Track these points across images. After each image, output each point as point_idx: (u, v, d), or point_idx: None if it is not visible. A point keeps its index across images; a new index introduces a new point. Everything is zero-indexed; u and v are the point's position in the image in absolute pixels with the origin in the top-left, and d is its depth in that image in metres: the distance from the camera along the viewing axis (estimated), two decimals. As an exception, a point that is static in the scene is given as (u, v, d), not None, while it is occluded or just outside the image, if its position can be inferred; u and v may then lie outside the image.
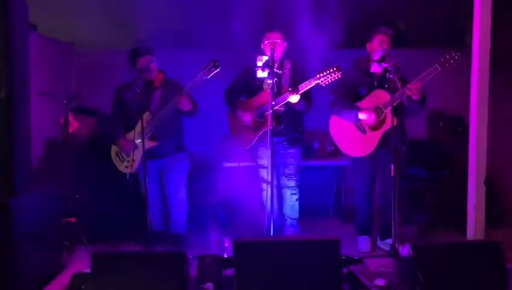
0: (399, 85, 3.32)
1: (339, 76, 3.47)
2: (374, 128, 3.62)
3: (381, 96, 3.58)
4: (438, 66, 3.39)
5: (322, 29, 4.54)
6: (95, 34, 4.98)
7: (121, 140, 3.74)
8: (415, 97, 3.44)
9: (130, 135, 3.71)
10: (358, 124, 3.66)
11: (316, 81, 3.49)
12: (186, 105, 3.62)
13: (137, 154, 3.68)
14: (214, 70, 3.52)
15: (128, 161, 3.74)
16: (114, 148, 3.82)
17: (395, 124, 3.35)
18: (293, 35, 3.86)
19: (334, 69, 3.46)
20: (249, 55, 3.76)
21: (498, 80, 3.63)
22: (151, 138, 3.69)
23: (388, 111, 3.50)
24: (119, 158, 3.79)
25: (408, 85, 3.41)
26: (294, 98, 3.53)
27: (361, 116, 3.59)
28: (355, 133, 3.70)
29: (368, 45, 3.71)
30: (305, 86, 3.53)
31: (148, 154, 3.61)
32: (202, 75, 3.54)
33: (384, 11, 5.16)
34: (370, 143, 3.64)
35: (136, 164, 3.70)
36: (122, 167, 3.78)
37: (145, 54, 3.67)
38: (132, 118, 3.65)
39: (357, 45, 3.90)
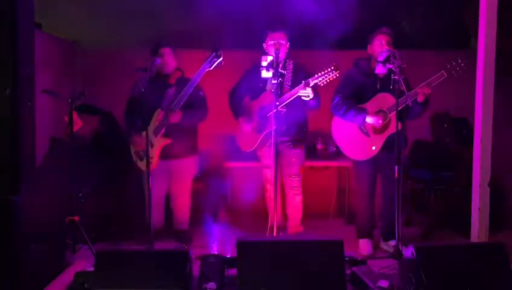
0: (404, 87, 3.31)
1: (337, 75, 3.46)
2: (378, 131, 3.61)
3: (385, 99, 3.57)
4: (444, 73, 3.41)
5: (324, 29, 4.55)
6: (100, 33, 5.00)
7: (134, 137, 3.74)
8: (419, 99, 3.44)
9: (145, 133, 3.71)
10: (363, 127, 3.65)
11: (314, 81, 3.48)
12: (173, 119, 3.64)
13: (154, 152, 3.68)
14: (216, 60, 3.53)
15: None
16: (133, 147, 3.83)
17: (399, 128, 3.33)
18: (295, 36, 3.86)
19: (332, 68, 3.45)
20: (252, 55, 3.78)
21: (504, 81, 3.62)
22: (165, 135, 3.69)
23: (393, 115, 3.49)
24: (137, 156, 3.79)
25: (421, 90, 3.41)
26: (308, 94, 3.51)
27: (369, 120, 3.58)
28: (358, 136, 3.68)
29: (368, 46, 3.70)
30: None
31: (160, 153, 3.65)
32: (205, 67, 3.55)
33: (387, 12, 5.15)
34: (373, 146, 3.63)
35: (154, 161, 3.69)
36: (143, 165, 3.76)
37: (166, 45, 3.77)
38: (145, 115, 3.65)
39: (360, 46, 3.88)
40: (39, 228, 2.92)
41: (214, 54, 3.53)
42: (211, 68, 3.56)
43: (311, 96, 3.55)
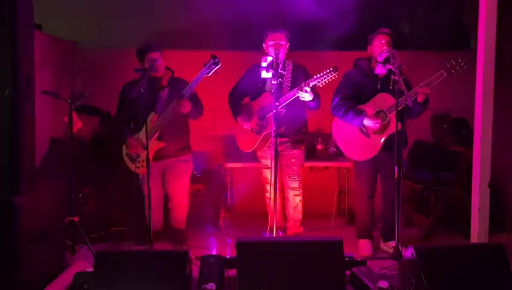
0: (403, 87, 3.30)
1: (336, 76, 3.45)
2: (378, 132, 3.60)
3: (385, 99, 3.57)
4: (444, 72, 3.39)
5: (324, 31, 4.55)
6: (99, 33, 5.01)
7: (128, 139, 3.73)
8: (419, 99, 3.44)
9: (140, 134, 3.69)
10: (362, 128, 3.65)
11: (313, 83, 3.48)
12: (185, 107, 3.62)
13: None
14: (214, 67, 3.52)
15: (139, 161, 3.72)
16: (124, 149, 3.81)
17: (399, 128, 3.33)
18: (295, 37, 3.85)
19: (331, 69, 3.44)
20: (252, 56, 3.78)
21: (504, 82, 3.62)
22: (158, 138, 3.68)
23: (392, 115, 3.48)
24: (129, 158, 3.78)
25: (421, 90, 3.41)
26: (307, 96, 3.51)
27: (367, 122, 3.58)
28: (358, 137, 3.68)
29: (368, 47, 3.69)
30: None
31: (153, 156, 3.63)
32: (203, 73, 3.54)
33: (388, 13, 5.16)
34: (373, 147, 3.62)
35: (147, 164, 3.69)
36: (133, 167, 3.75)
37: (155, 49, 3.68)
38: (138, 118, 3.64)
39: (361, 47, 3.89)
40: (39, 229, 2.92)
41: (212, 60, 3.52)
42: (209, 75, 3.55)
43: (310, 97, 3.55)
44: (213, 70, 3.53)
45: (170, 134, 3.71)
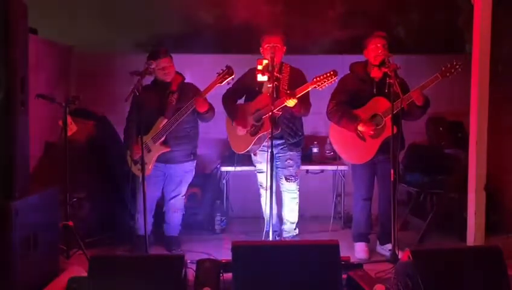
0: (399, 90, 3.31)
1: (335, 80, 3.47)
2: (374, 136, 3.61)
3: (380, 103, 3.57)
4: (438, 76, 3.39)
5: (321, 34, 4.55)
6: (95, 37, 5.00)
7: (133, 145, 3.71)
8: (419, 103, 3.44)
9: (145, 138, 3.67)
10: (358, 131, 3.65)
11: (313, 86, 3.49)
12: (202, 106, 3.63)
13: (150, 158, 3.68)
14: (227, 77, 3.57)
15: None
16: (130, 154, 3.81)
17: (395, 131, 3.33)
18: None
19: (331, 73, 3.46)
20: (250, 59, 3.78)
21: (498, 85, 3.63)
22: (164, 143, 3.68)
23: (388, 119, 3.49)
24: (133, 161, 3.77)
25: (410, 94, 3.41)
26: (291, 102, 3.52)
27: (360, 128, 3.59)
28: (354, 141, 3.68)
29: (364, 51, 3.70)
30: (302, 90, 3.52)
31: (158, 158, 3.67)
32: (216, 82, 3.58)
33: (384, 17, 5.18)
34: (369, 150, 3.63)
35: (149, 167, 3.68)
36: (136, 170, 3.74)
37: (165, 55, 3.71)
38: (147, 121, 3.63)
39: (356, 51, 3.89)
40: (33, 233, 2.89)
41: (226, 70, 3.57)
42: (222, 84, 3.59)
43: (293, 103, 3.51)
44: (226, 80, 3.58)
45: (179, 138, 3.72)
